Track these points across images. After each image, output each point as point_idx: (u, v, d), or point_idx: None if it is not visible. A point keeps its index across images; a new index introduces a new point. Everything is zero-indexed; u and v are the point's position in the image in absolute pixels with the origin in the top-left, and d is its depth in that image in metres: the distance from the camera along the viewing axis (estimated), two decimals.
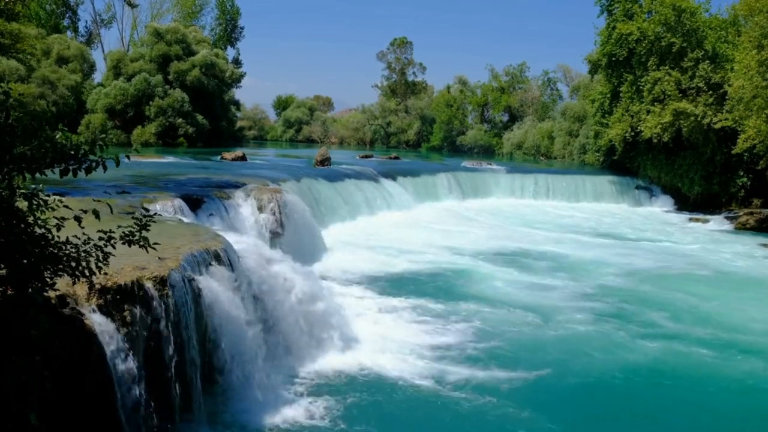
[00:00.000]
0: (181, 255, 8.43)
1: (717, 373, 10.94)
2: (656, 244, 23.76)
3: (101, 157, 5.10)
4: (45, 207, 5.08)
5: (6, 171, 4.86)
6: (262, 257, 10.81)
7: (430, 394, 9.53)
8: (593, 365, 11.06)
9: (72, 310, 6.44)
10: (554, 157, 54.59)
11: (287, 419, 8.54)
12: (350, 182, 26.51)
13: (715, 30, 33.51)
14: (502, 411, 9.07)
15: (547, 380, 10.32)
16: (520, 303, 14.54)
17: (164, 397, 7.46)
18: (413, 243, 21.06)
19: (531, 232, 25.12)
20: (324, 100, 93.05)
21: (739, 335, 12.89)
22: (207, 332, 8.40)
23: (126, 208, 12.08)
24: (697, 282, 17.61)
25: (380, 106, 77.00)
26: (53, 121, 5.29)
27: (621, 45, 33.88)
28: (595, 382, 10.43)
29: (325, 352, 10.61)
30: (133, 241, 5.73)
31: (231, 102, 57.65)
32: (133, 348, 6.98)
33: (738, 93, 27.45)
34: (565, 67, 68.18)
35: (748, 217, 29.06)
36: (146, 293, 7.35)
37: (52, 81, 45.38)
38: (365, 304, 13.90)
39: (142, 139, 46.00)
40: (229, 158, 31.19)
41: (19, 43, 32.33)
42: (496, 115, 69.58)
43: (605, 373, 10.73)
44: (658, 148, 33.84)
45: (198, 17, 68.63)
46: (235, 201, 16.62)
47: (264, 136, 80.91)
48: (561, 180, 36.21)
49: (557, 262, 19.43)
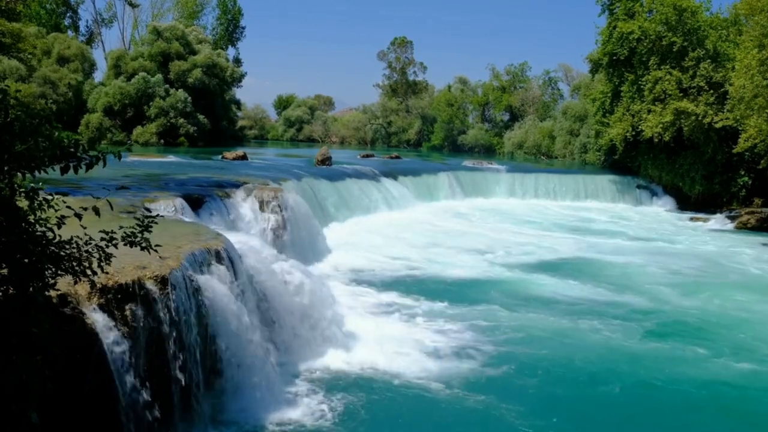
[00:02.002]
0: (182, 254, 8.42)
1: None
2: (658, 243, 23.76)
3: (101, 152, 5.08)
4: (46, 206, 5.06)
5: (6, 170, 4.84)
6: (263, 256, 10.81)
7: (431, 394, 9.52)
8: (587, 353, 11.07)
9: (73, 309, 6.43)
10: (555, 157, 54.55)
11: (288, 419, 8.53)
12: (351, 182, 26.50)
13: (716, 29, 33.47)
14: (504, 411, 9.06)
15: (551, 381, 10.29)
16: (525, 303, 14.50)
17: (165, 396, 7.45)
18: (414, 242, 21.05)
19: (532, 232, 25.09)
20: (325, 100, 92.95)
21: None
22: (208, 331, 8.39)
23: (127, 207, 12.08)
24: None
25: (381, 105, 76.97)
26: (52, 119, 5.27)
27: (622, 44, 33.85)
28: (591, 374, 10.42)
29: (326, 351, 10.60)
30: (135, 242, 5.71)
31: (232, 101, 57.67)
32: (134, 347, 6.97)
33: (739, 92, 27.40)
34: (566, 66, 68.24)
35: (749, 217, 29.03)
36: (147, 293, 7.34)
37: (53, 80, 45.40)
38: (366, 303, 13.88)
39: (143, 139, 46.04)
40: (230, 158, 31.18)
41: (20, 43, 32.29)
42: (497, 114, 69.59)
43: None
44: (659, 148, 33.80)
45: (199, 17, 68.63)
46: (236, 200, 16.61)
47: (265, 136, 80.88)
48: (562, 179, 36.19)
49: (559, 260, 19.41)
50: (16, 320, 4.71)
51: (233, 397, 8.57)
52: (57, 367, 5.33)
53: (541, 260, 19.43)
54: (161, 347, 7.45)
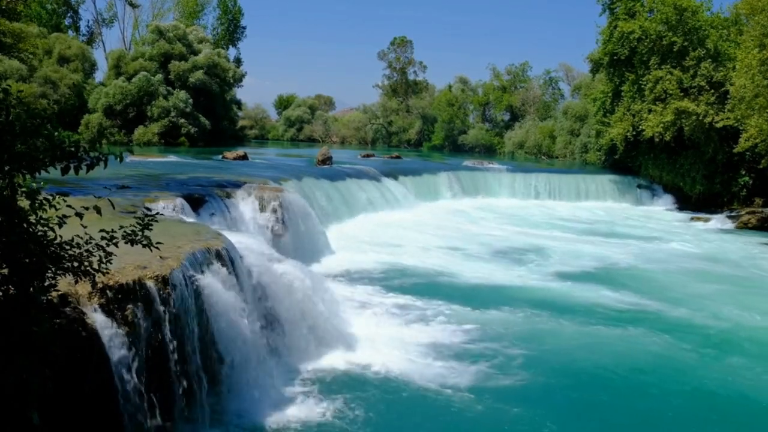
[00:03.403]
0: (182, 254, 8.43)
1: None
2: (661, 243, 23.76)
3: (101, 153, 5.08)
4: (47, 205, 5.06)
5: (7, 170, 4.85)
6: (264, 256, 10.81)
7: (433, 394, 9.51)
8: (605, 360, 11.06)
9: (74, 309, 6.43)
10: (555, 157, 54.56)
11: (289, 418, 8.52)
12: (352, 181, 26.49)
13: (717, 29, 33.47)
14: (506, 411, 9.05)
15: (554, 382, 10.25)
16: (530, 303, 14.41)
17: (166, 396, 7.45)
18: (415, 242, 21.03)
19: (533, 231, 25.08)
20: (325, 100, 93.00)
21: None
22: (208, 331, 8.40)
23: (128, 207, 12.08)
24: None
25: (381, 105, 77.02)
26: (54, 119, 5.27)
27: (623, 44, 33.85)
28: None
29: (327, 352, 10.59)
30: (136, 240, 5.71)
31: (232, 101, 57.70)
32: (135, 347, 6.97)
33: (739, 92, 27.41)
34: (567, 66, 68.35)
35: (749, 217, 29.03)
36: (148, 292, 7.35)
37: (54, 80, 45.40)
38: (367, 303, 13.85)
39: (144, 139, 46.06)
40: (231, 157, 31.20)
41: (21, 43, 32.31)
42: (497, 114, 69.65)
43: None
44: (660, 147, 33.80)
45: (200, 17, 68.64)
46: (236, 200, 16.62)
47: (265, 136, 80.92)
48: (563, 179, 36.18)
49: (560, 259, 19.42)
50: (16, 320, 4.72)
51: (233, 397, 8.57)
52: (57, 367, 5.33)
53: (545, 261, 19.40)
54: (162, 347, 7.46)
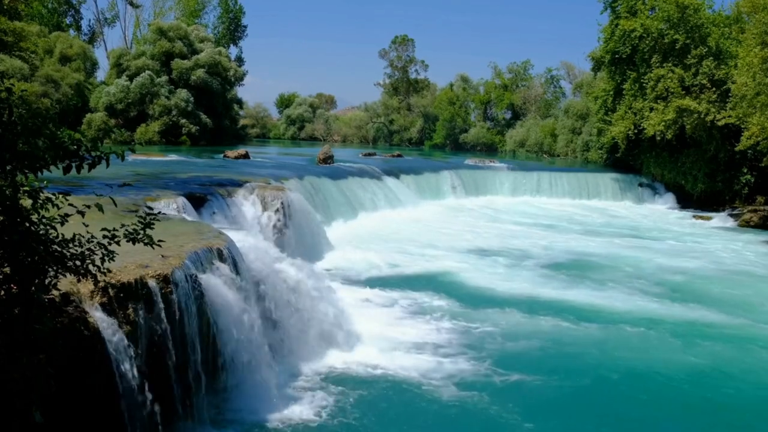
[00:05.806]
0: (184, 253, 8.43)
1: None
2: (664, 242, 23.73)
3: (103, 152, 5.08)
4: (50, 204, 5.06)
5: (9, 169, 4.85)
6: (266, 255, 10.81)
7: (433, 394, 9.50)
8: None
9: (76, 308, 6.45)
10: (557, 155, 54.54)
11: (290, 418, 8.53)
12: (353, 180, 26.50)
13: (719, 27, 33.38)
14: (508, 412, 9.04)
15: (557, 383, 10.22)
16: (532, 303, 14.35)
17: (167, 395, 7.46)
18: (416, 241, 21.04)
19: (535, 230, 25.08)
20: (327, 98, 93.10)
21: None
22: (210, 330, 8.41)
23: (130, 206, 12.09)
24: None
25: (383, 104, 77.05)
26: (56, 118, 5.27)
27: (624, 42, 33.79)
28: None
29: (329, 351, 10.60)
30: (138, 239, 5.72)
31: (234, 100, 57.74)
32: (137, 346, 6.99)
33: (741, 90, 27.35)
34: (568, 64, 68.23)
35: (751, 215, 29.00)
36: (150, 291, 7.36)
37: (56, 80, 45.47)
38: (369, 302, 13.87)
39: (146, 138, 46.12)
40: (232, 156, 31.24)
41: (23, 42, 32.39)
42: (498, 112, 69.62)
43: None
44: (662, 146, 33.75)
45: (201, 16, 68.69)
46: (238, 199, 16.63)
47: (267, 134, 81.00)
48: (564, 177, 36.17)
49: (568, 261, 19.40)
50: (19, 319, 4.73)
51: (234, 396, 8.58)
52: (60, 366, 5.34)
53: (546, 260, 19.37)
54: (163, 346, 7.47)
